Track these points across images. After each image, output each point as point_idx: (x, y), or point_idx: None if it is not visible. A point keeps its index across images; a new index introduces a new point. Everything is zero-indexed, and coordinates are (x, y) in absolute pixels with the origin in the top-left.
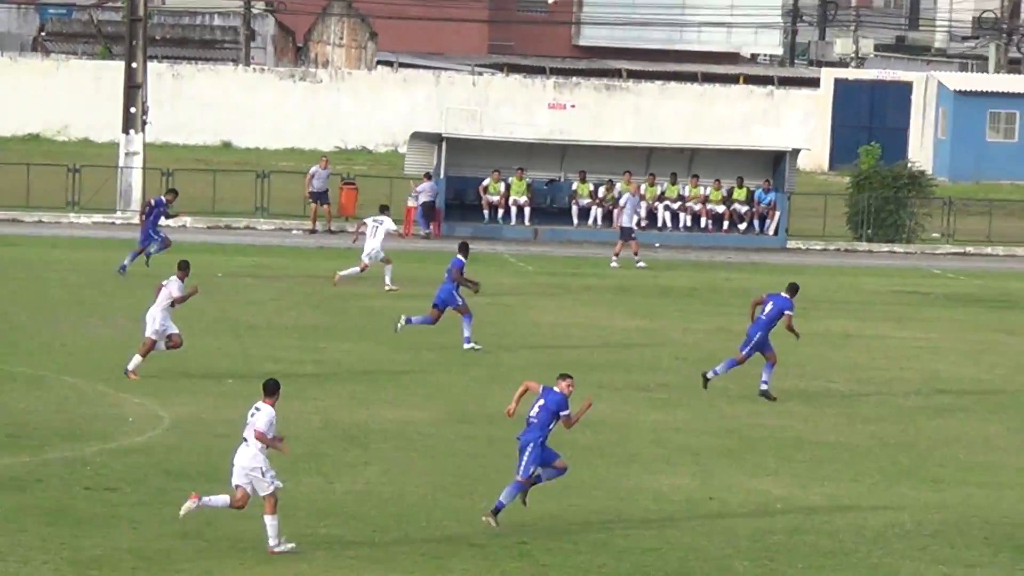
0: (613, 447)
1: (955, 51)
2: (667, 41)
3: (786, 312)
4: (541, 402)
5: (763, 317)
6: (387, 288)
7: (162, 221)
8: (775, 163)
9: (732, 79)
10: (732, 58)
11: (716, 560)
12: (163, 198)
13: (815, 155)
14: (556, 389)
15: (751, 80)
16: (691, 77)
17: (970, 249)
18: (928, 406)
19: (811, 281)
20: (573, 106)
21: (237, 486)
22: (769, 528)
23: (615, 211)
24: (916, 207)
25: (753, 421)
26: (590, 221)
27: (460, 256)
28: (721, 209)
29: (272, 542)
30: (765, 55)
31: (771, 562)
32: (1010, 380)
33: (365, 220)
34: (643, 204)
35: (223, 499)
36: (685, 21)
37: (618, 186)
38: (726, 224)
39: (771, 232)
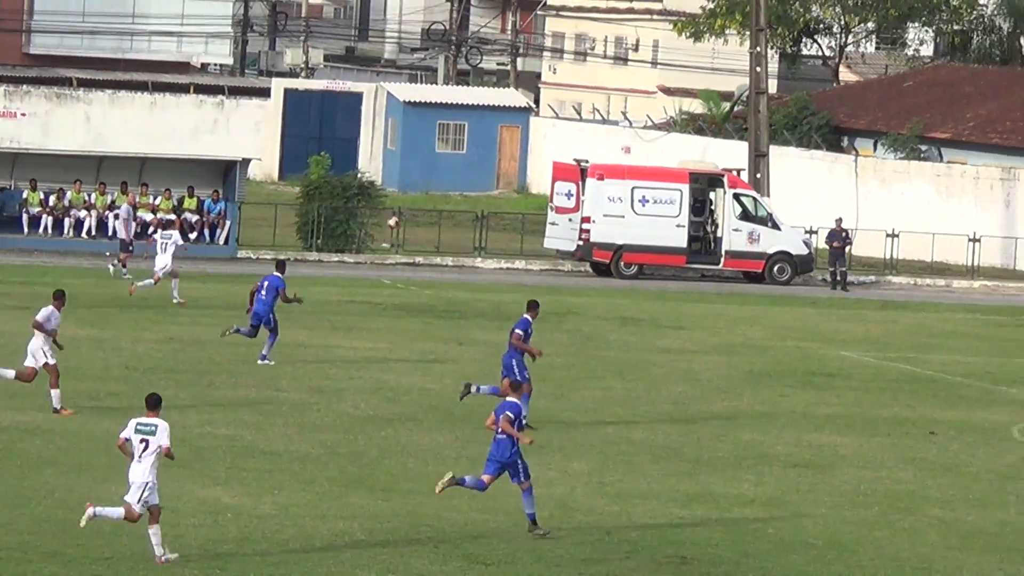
0: (64, 456)
1: (405, 62)
2: (117, 50)
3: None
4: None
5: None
6: (175, 301)
7: None
8: (225, 173)
9: (183, 88)
10: (183, 68)
11: (160, 569)
12: None
13: (266, 165)
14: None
15: (201, 90)
16: (142, 86)
17: (419, 259)
18: (377, 416)
19: None
20: (24, 114)
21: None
22: (220, 537)
23: (115, 222)
24: (365, 217)
25: (203, 430)
26: (40, 230)
27: (277, 274)
28: (172, 218)
29: (158, 551)
30: (216, 65)
31: (222, 572)
32: (458, 390)
33: (154, 235)
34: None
35: (118, 511)
36: (135, 30)
37: (113, 196)
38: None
39: (221, 242)
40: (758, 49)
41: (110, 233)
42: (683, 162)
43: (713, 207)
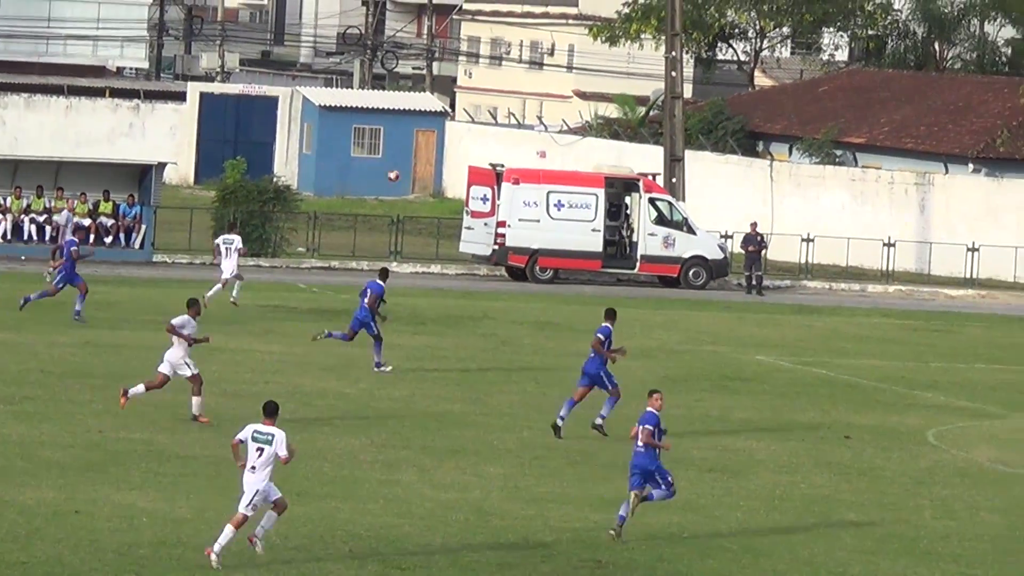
0: None
1: (320, 66)
2: (33, 54)
3: None
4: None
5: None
6: (232, 301)
7: None
8: (141, 177)
9: (99, 92)
10: (98, 71)
11: (83, 574)
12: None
13: (181, 169)
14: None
15: (117, 93)
16: (57, 90)
17: (335, 263)
18: (293, 420)
19: (175, 294)
20: None
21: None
22: (135, 541)
23: (57, 228)
24: (282, 221)
25: (119, 435)
26: None
27: (379, 281)
28: (87, 223)
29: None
30: (131, 69)
31: None
32: (373, 394)
33: (217, 241)
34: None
35: (228, 530)
36: (51, 34)
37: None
38: (92, 238)
39: (137, 246)
40: (673, 54)
41: (26, 237)
42: (598, 166)
43: (629, 212)
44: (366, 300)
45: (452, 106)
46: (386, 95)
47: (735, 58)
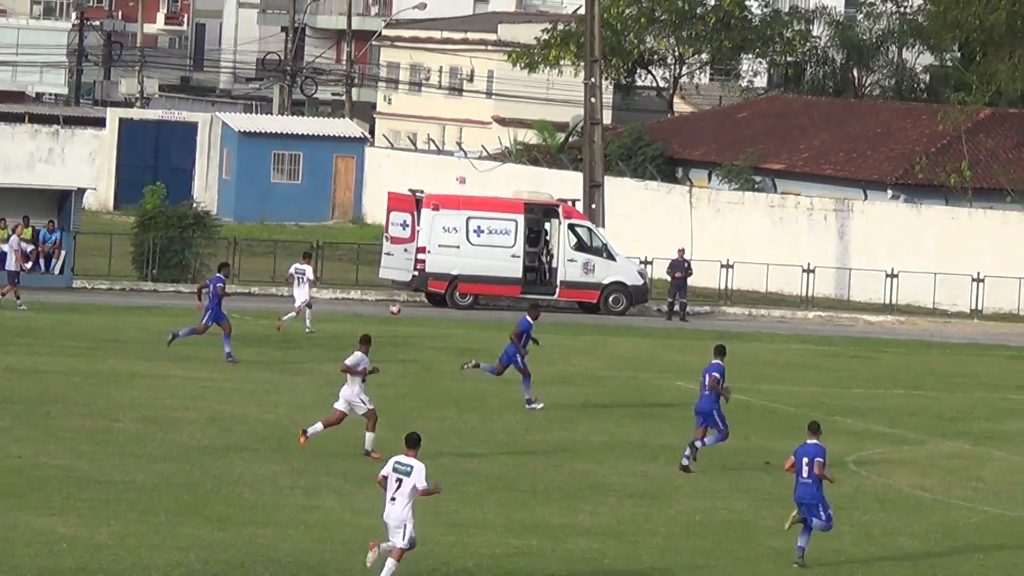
0: None
1: (240, 92)
2: None
3: None
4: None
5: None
6: (307, 331)
7: None
8: (60, 202)
9: (18, 118)
10: (17, 97)
11: None
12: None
13: (101, 194)
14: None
15: (37, 119)
16: None
17: (255, 289)
18: (213, 446)
19: (95, 320)
20: None
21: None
22: (55, 567)
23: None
24: (201, 247)
25: (39, 460)
26: None
27: (529, 318)
28: (6, 248)
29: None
30: (51, 94)
31: None
32: (293, 420)
33: (290, 270)
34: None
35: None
36: None
37: None
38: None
39: (56, 271)
40: (592, 80)
41: None
42: (518, 192)
43: (548, 238)
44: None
45: (371, 132)
46: (305, 121)
47: (654, 84)
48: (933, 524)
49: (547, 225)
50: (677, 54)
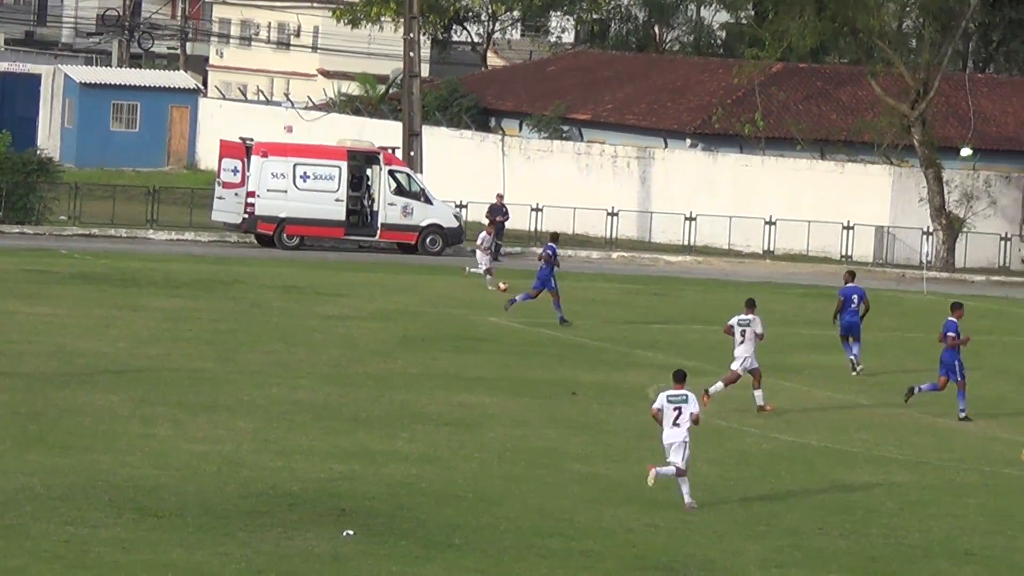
0: None
1: (81, 46)
2: None
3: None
4: None
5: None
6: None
7: None
8: None
9: None
10: None
11: None
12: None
13: None
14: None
15: None
16: None
17: (95, 231)
18: (56, 377)
19: None
20: None
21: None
22: None
23: None
24: (45, 191)
25: None
26: None
27: (552, 243)
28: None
29: (687, 499)
30: None
31: None
32: (132, 353)
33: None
34: None
35: (670, 470)
36: None
37: None
38: None
39: None
40: (411, 35)
41: None
42: (342, 141)
43: (370, 183)
44: (542, 260)
45: (204, 84)
46: (143, 73)
47: (469, 40)
48: (728, 450)
49: (369, 171)
50: (490, 11)
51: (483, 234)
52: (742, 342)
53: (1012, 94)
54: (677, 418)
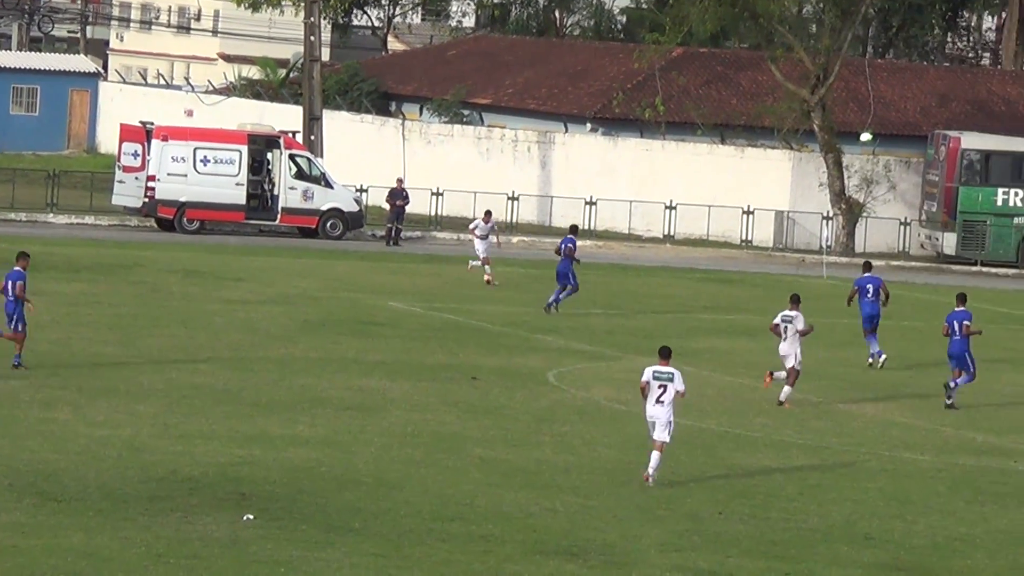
0: None
1: None
2: None
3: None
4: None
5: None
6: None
7: None
8: None
9: None
10: None
11: None
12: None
13: None
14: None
15: None
16: None
17: None
18: None
19: None
20: None
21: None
22: None
23: None
24: None
25: None
26: None
27: (571, 235)
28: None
29: (651, 472)
30: None
31: None
32: (32, 337)
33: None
34: None
35: (655, 456)
36: None
37: None
38: None
39: None
40: (312, 19)
41: None
42: (242, 125)
43: (270, 167)
44: (564, 251)
45: (105, 67)
46: (42, 57)
47: (370, 24)
48: (629, 435)
49: (269, 155)
50: None
51: (478, 221)
52: (785, 339)
53: (912, 79)
54: (662, 395)
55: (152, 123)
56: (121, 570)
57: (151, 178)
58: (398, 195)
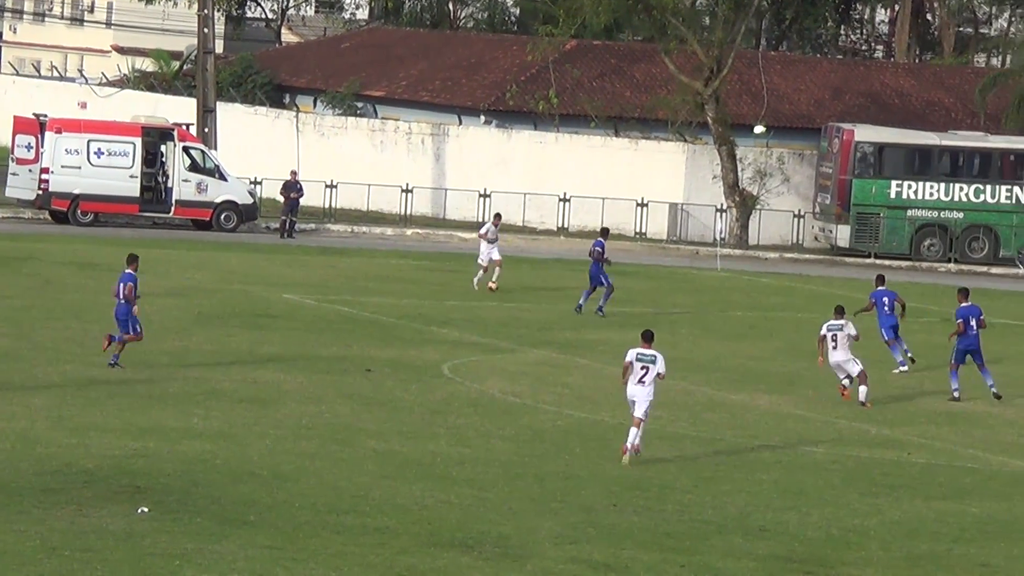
0: None
1: None
2: None
3: None
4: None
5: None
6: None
7: None
8: None
9: None
10: None
11: None
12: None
13: None
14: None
15: None
16: None
17: None
18: None
19: None
20: None
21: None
22: None
23: None
24: None
25: None
26: None
27: (601, 239)
28: None
29: (635, 443)
30: None
31: None
32: None
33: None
34: None
35: (634, 431)
36: None
37: None
38: None
39: None
40: (205, 12)
41: None
42: (136, 117)
43: (164, 159)
44: (593, 255)
45: None
46: None
47: (263, 16)
48: (523, 427)
49: (163, 147)
50: None
51: (488, 224)
52: (835, 347)
53: (805, 72)
54: (643, 376)
55: (46, 115)
56: (15, 563)
57: (45, 170)
58: (292, 187)
